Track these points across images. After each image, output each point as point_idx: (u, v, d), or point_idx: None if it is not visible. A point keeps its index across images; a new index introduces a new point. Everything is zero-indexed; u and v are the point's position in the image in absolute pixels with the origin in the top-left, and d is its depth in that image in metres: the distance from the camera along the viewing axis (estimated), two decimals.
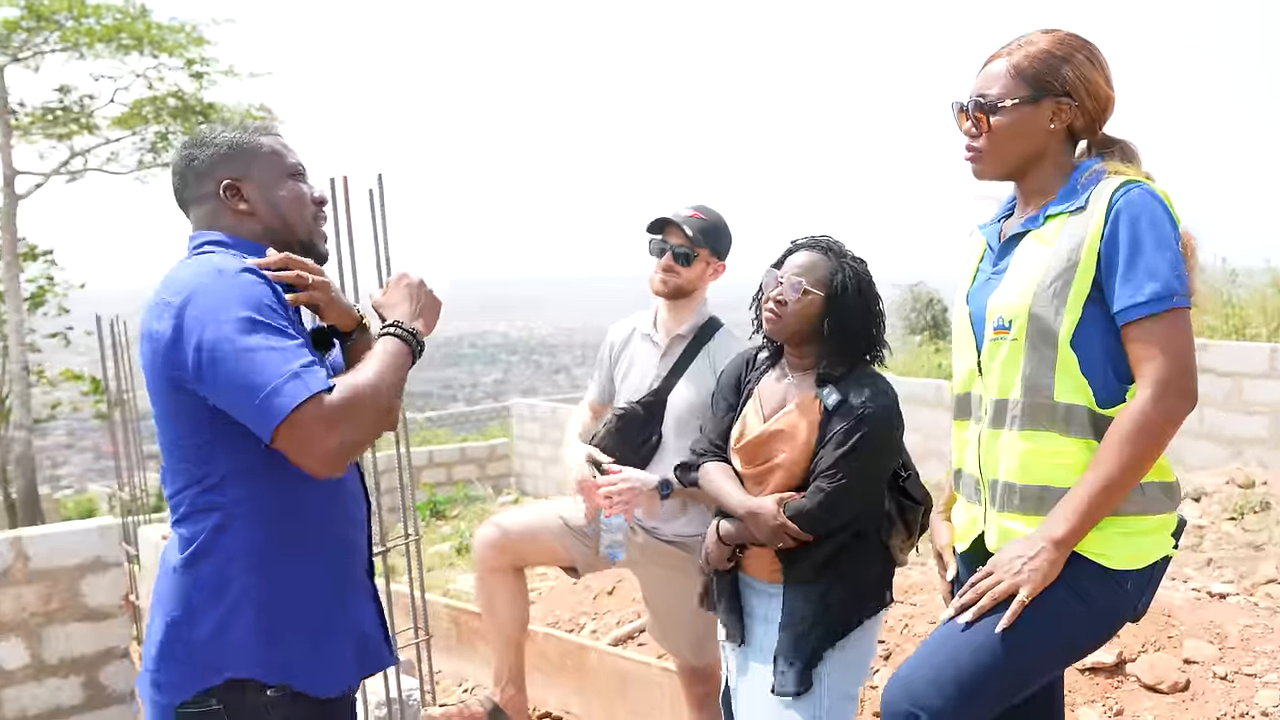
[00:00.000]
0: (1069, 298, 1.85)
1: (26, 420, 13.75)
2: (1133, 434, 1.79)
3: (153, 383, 1.74)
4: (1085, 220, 1.86)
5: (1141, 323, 1.81)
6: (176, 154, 1.94)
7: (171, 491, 1.77)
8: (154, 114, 14.45)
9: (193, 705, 1.74)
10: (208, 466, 1.73)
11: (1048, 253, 1.89)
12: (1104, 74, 1.93)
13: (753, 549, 2.41)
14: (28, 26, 13.31)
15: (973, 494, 2.06)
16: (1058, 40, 1.92)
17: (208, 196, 1.88)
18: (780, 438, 2.34)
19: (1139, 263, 1.80)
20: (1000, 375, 1.94)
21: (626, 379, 3.01)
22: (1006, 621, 1.82)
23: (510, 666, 3.04)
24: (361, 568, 1.95)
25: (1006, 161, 1.97)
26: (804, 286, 2.31)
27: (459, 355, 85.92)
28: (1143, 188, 1.84)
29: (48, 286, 15.25)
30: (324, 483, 1.76)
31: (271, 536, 1.75)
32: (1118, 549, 1.85)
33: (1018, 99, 1.91)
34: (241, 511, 1.73)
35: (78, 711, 4.48)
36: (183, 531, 1.76)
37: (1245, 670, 3.16)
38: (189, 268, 1.75)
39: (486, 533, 3.01)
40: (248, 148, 1.90)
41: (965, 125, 1.98)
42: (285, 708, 1.76)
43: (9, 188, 13.58)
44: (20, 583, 4.30)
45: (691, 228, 2.84)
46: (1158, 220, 1.81)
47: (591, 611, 4.91)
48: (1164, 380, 1.79)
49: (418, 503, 10.41)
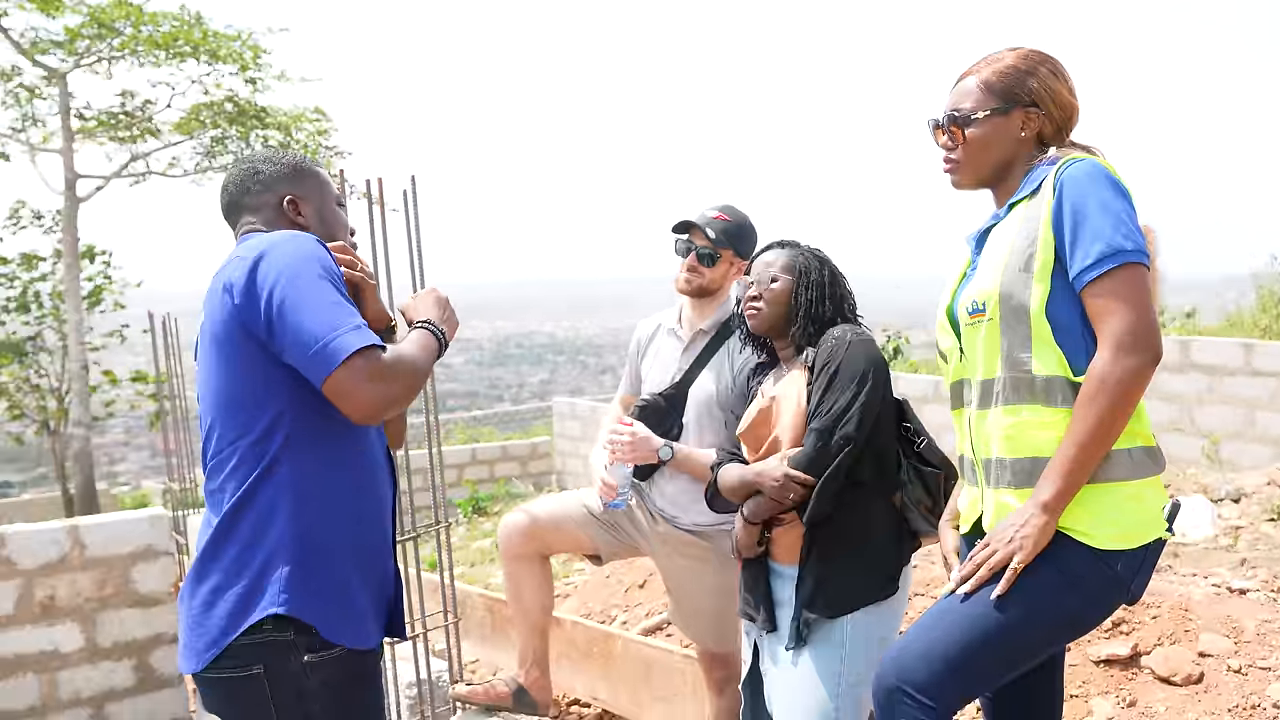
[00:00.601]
0: (1035, 272, 1.93)
1: (85, 418, 14.12)
2: (1095, 393, 1.85)
3: (219, 332, 1.88)
4: (1040, 201, 1.97)
5: (1092, 285, 1.88)
6: (239, 165, 2.12)
7: (216, 449, 1.91)
8: (210, 119, 14.79)
9: (229, 668, 1.87)
10: (255, 419, 1.87)
11: (1010, 236, 2.00)
12: (1067, 85, 2.08)
13: (778, 532, 2.50)
14: (90, 34, 13.71)
15: (971, 476, 2.14)
16: (1022, 56, 2.07)
17: (267, 206, 2.07)
18: (773, 410, 2.49)
19: (1084, 229, 1.88)
20: (983, 356, 2.03)
21: (651, 372, 3.13)
22: (1001, 589, 1.89)
23: (535, 650, 3.16)
24: (385, 539, 2.08)
25: (982, 170, 2.10)
26: (772, 273, 2.54)
27: (506, 355, 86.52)
28: (1086, 160, 1.94)
29: (105, 285, 15.67)
30: (360, 451, 1.95)
31: (310, 489, 1.89)
32: (1105, 525, 1.89)
33: (989, 110, 2.05)
34: (284, 464, 1.87)
35: (130, 694, 4.65)
36: (229, 485, 1.89)
37: (1260, 664, 3.18)
38: (261, 235, 1.94)
39: (512, 520, 3.13)
40: (308, 172, 2.13)
41: (942, 140, 2.13)
42: (324, 670, 1.88)
43: (70, 191, 13.98)
44: (76, 569, 4.49)
45: (714, 229, 2.94)
46: (1098, 185, 1.90)
47: (623, 604, 5.01)
48: (1117, 336, 1.85)
49: (459, 500, 10.62)
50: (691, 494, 2.96)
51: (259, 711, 1.88)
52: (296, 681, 1.87)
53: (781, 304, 2.53)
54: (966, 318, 2.06)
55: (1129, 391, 1.85)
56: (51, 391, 15.31)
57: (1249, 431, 7.75)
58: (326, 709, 1.91)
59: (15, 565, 4.35)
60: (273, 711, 1.88)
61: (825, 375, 2.39)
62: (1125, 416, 1.88)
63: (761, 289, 2.54)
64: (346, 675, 1.93)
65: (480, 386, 65.80)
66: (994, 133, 2.06)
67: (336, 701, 1.92)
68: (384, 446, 2.13)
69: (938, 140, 2.13)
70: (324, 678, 1.89)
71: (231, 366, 1.88)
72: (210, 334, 1.91)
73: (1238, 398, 7.83)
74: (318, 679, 1.88)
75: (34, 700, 4.42)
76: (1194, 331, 10.26)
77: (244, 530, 1.87)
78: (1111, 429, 1.87)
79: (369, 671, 2.01)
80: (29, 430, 15.88)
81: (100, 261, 15.69)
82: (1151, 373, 1.87)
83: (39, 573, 4.40)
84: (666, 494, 3.03)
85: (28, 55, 13.68)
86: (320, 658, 1.88)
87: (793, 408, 2.46)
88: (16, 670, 4.37)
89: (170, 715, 4.74)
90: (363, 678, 1.98)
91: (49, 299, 15.28)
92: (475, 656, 4.75)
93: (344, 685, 1.93)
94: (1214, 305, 12.01)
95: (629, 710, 3.80)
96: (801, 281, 2.53)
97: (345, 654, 1.92)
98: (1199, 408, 8.03)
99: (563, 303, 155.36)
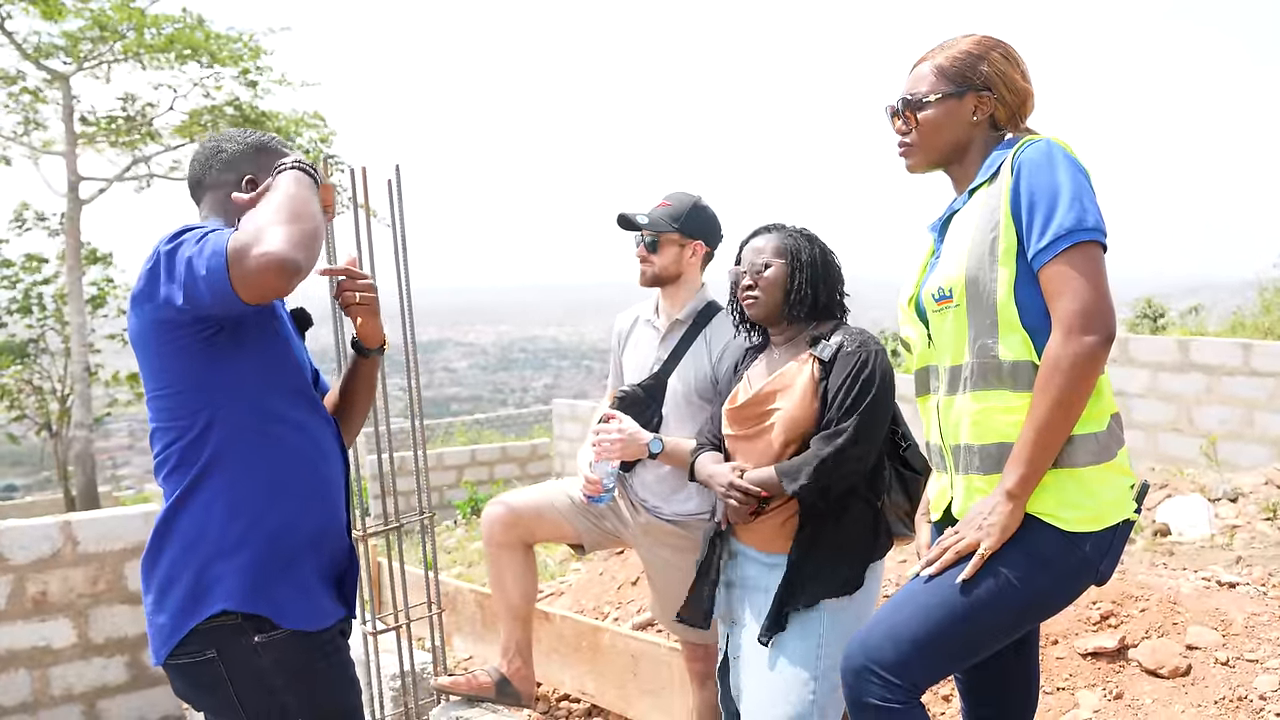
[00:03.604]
0: (999, 256, 1.93)
1: (87, 420, 14.17)
2: (1050, 377, 1.85)
3: (143, 339, 1.90)
4: (999, 185, 1.97)
5: (1046, 267, 1.88)
6: (205, 142, 2.11)
7: (158, 449, 1.94)
8: (212, 122, 14.84)
9: (186, 655, 1.90)
10: (192, 418, 1.89)
11: (972, 222, 2.00)
12: (1019, 70, 2.09)
13: (757, 520, 2.49)
14: (92, 37, 13.76)
15: (940, 463, 2.14)
16: (976, 41, 2.09)
17: (225, 185, 2.05)
18: (776, 394, 2.46)
19: (1039, 209, 1.88)
20: (951, 343, 2.03)
21: (630, 363, 3.12)
22: (968, 573, 1.90)
23: (518, 640, 3.15)
24: (334, 519, 2.08)
25: (934, 153, 2.12)
26: (764, 260, 2.51)
27: (509, 360, 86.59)
28: (1042, 140, 1.94)
29: (107, 289, 15.72)
30: (300, 437, 1.96)
31: (247, 485, 1.90)
32: (1073, 508, 1.89)
33: (941, 94, 2.07)
34: (220, 463, 1.89)
35: (123, 690, 4.66)
36: (167, 486, 1.92)
37: (1247, 656, 3.17)
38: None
39: (495, 510, 3.12)
40: (269, 153, 2.09)
41: (897, 124, 2.14)
42: (275, 650, 1.90)
43: (73, 194, 14.02)
44: (69, 565, 4.49)
45: (650, 216, 2.96)
46: (1054, 165, 1.89)
47: (615, 601, 5.00)
48: (1068, 318, 1.85)
49: (458, 501, 10.62)
50: (673, 483, 2.96)
51: (221, 692, 1.91)
52: (250, 662, 1.90)
53: (778, 289, 2.50)
54: (934, 304, 2.06)
55: (1083, 373, 1.84)
56: (53, 393, 15.35)
57: (1247, 431, 7.73)
58: (288, 685, 1.92)
59: (8, 560, 4.36)
60: (233, 692, 1.90)
61: (843, 391, 2.36)
62: (1082, 398, 1.86)
63: (755, 276, 2.51)
64: (301, 653, 1.94)
65: (484, 391, 65.86)
66: (946, 116, 2.07)
67: (296, 678, 1.94)
68: (334, 430, 2.13)
69: (894, 125, 2.15)
70: (276, 657, 1.91)
71: (164, 360, 1.89)
72: (138, 339, 1.92)
73: (1236, 398, 7.82)
74: (270, 658, 1.90)
75: (26, 696, 4.42)
76: (1196, 332, 10.24)
77: (185, 529, 1.90)
78: (1069, 412, 1.86)
79: (328, 648, 2.00)
80: (30, 433, 15.91)
81: (103, 264, 15.75)
82: (1105, 353, 1.85)
83: (31, 568, 4.41)
84: (647, 483, 3.03)
85: (31, 59, 13.74)
86: (270, 638, 1.90)
87: (795, 399, 2.43)
88: (8, 666, 4.38)
89: (162, 712, 4.74)
90: (321, 654, 1.98)
91: (52, 301, 15.34)
92: (469, 653, 4.74)
93: (300, 663, 1.94)
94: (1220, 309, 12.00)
95: (617, 704, 3.79)
96: (794, 264, 2.51)
97: (296, 634, 1.93)
98: (1198, 407, 8.01)
99: (566, 307, 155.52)
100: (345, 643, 2.09)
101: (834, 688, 2.35)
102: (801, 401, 2.42)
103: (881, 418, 2.39)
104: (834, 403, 2.37)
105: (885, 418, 2.41)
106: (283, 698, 1.92)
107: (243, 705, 1.91)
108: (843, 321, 2.57)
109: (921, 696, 1.96)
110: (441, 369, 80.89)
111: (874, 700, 1.93)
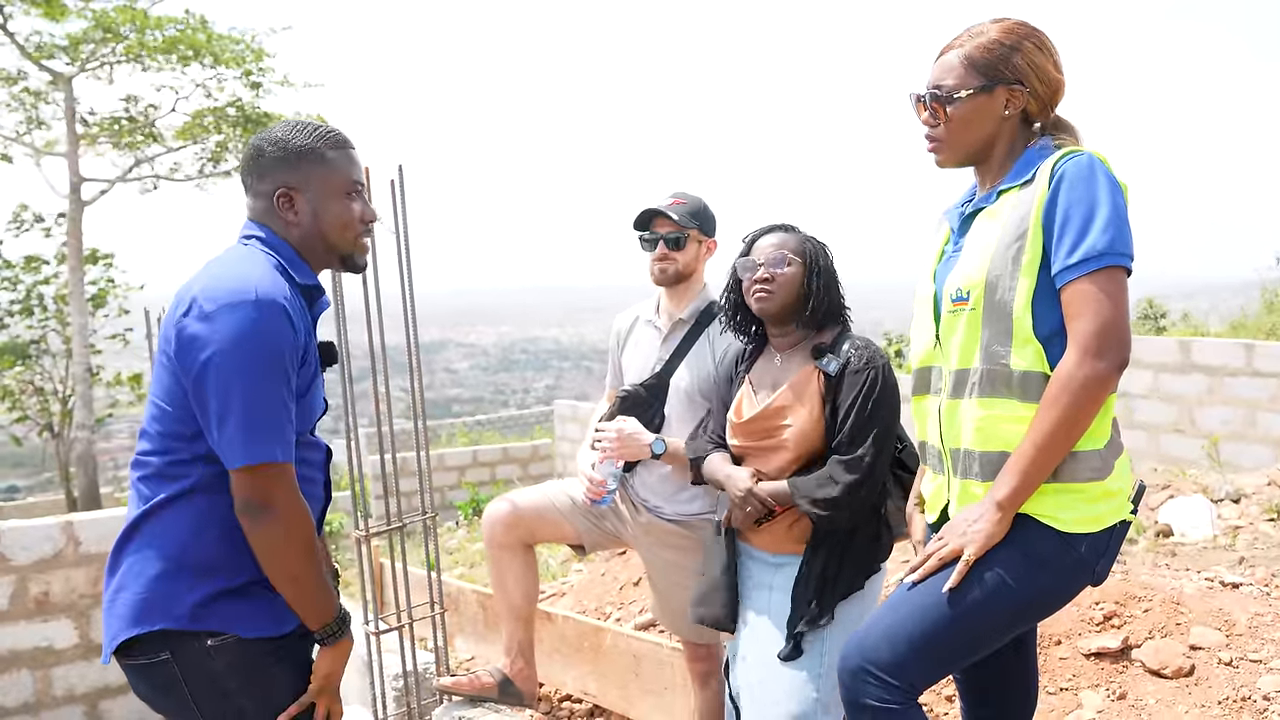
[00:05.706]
0: (1022, 266, 1.90)
1: (89, 421, 14.17)
2: (1058, 395, 1.84)
3: (164, 363, 1.89)
4: (1032, 191, 1.93)
5: (1070, 285, 1.86)
6: (252, 141, 2.04)
7: (143, 449, 1.92)
8: (214, 124, 14.84)
9: (143, 656, 1.88)
10: (182, 448, 1.88)
11: (999, 226, 1.96)
12: (1053, 60, 2.01)
13: (767, 524, 2.49)
14: (94, 38, 13.76)
15: (937, 464, 2.13)
16: (1007, 30, 2.00)
17: (264, 195, 2.01)
18: (785, 410, 2.44)
19: (1073, 226, 1.85)
20: (960, 346, 2.00)
21: (631, 363, 3.12)
22: (953, 581, 1.89)
23: (519, 640, 3.15)
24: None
25: (965, 149, 2.06)
26: (785, 256, 2.47)
27: (511, 361, 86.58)
28: (1086, 155, 1.90)
29: (108, 289, 15.70)
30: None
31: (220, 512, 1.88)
32: (1071, 511, 1.89)
33: (972, 89, 1.99)
34: (199, 492, 1.88)
35: (124, 691, 4.63)
36: (143, 489, 1.91)
37: (1251, 656, 3.16)
38: (231, 272, 1.88)
39: (496, 509, 3.12)
40: (311, 159, 2.00)
41: (924, 116, 2.07)
42: (228, 654, 1.89)
43: (75, 195, 14.02)
44: (70, 565, 4.48)
45: (676, 212, 2.95)
46: (1095, 184, 1.86)
47: (617, 601, 5.00)
48: (1085, 339, 1.83)
49: (460, 502, 10.61)
50: (675, 484, 2.96)
51: (177, 693, 1.90)
52: (204, 664, 1.88)
53: (795, 288, 2.47)
54: (950, 304, 2.03)
55: (1092, 396, 1.83)
56: (55, 394, 15.35)
57: (1250, 432, 7.72)
58: (243, 688, 1.91)
59: (9, 561, 4.35)
60: (189, 694, 1.89)
61: (855, 413, 2.35)
62: (1087, 419, 1.86)
63: (773, 271, 2.47)
64: (256, 656, 1.92)
65: (485, 392, 65.86)
66: (977, 112, 2.00)
67: (251, 682, 1.92)
68: (324, 454, 2.12)
69: (919, 116, 2.09)
70: (230, 660, 1.89)
71: (172, 397, 1.88)
72: (162, 354, 1.91)
73: (1239, 398, 7.81)
74: (223, 661, 1.89)
75: (28, 697, 4.42)
76: (1196, 332, 10.23)
77: (150, 537, 1.89)
78: (1072, 431, 1.85)
79: (282, 652, 1.97)
80: (32, 434, 15.91)
81: (104, 265, 15.74)
82: (1117, 379, 1.85)
83: (33, 569, 4.40)
84: (649, 483, 3.03)
85: (33, 59, 13.74)
86: (223, 642, 1.88)
87: (805, 416, 2.42)
88: (11, 666, 4.37)
89: None
90: (276, 658, 1.95)
91: (53, 302, 15.33)
92: (471, 654, 4.74)
93: (255, 666, 1.92)
94: (1223, 310, 11.99)
95: (619, 705, 3.79)
96: (812, 268, 2.48)
97: (252, 638, 1.91)
98: (1200, 408, 8.01)
99: (567, 308, 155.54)
100: (307, 644, 2.04)
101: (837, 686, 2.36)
102: (810, 417, 2.41)
103: (891, 439, 2.40)
104: (844, 424, 2.36)
105: (894, 436, 2.42)
106: (238, 700, 1.91)
107: (199, 707, 1.90)
108: (846, 329, 2.54)
109: (919, 697, 1.95)
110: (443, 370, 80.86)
111: (871, 701, 1.92)
